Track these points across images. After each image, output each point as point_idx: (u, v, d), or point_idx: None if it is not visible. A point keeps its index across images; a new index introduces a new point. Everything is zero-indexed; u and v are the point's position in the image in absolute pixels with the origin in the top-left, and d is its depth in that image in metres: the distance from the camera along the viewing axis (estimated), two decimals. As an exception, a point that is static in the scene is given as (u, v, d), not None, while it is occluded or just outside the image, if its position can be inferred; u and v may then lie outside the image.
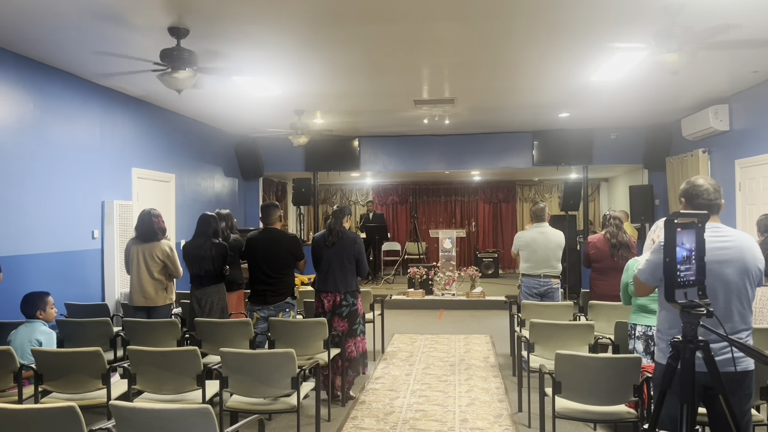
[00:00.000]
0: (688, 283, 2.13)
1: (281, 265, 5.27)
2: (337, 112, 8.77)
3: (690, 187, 2.81)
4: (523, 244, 6.24)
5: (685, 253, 2.12)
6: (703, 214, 2.19)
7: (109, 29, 4.83)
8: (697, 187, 2.79)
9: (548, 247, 6.12)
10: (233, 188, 10.94)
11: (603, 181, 15.15)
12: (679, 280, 2.09)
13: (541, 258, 6.11)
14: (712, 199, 2.76)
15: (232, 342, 4.67)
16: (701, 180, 2.83)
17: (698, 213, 2.19)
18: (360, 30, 5.00)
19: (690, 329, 2.10)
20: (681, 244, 2.10)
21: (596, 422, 4.38)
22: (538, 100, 7.98)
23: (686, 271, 2.12)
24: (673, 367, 2.18)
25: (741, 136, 7.50)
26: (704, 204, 2.73)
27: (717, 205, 2.76)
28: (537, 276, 6.12)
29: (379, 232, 13.33)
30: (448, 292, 10.60)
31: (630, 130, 10.40)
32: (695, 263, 2.14)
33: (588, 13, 4.57)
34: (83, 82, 6.46)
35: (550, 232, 6.22)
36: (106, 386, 3.87)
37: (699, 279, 2.13)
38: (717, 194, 2.79)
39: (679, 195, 2.87)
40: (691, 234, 2.13)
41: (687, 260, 2.12)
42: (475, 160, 11.21)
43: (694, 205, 2.76)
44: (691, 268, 2.13)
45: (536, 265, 6.13)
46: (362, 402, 5.21)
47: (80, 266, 6.42)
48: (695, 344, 2.10)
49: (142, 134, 7.70)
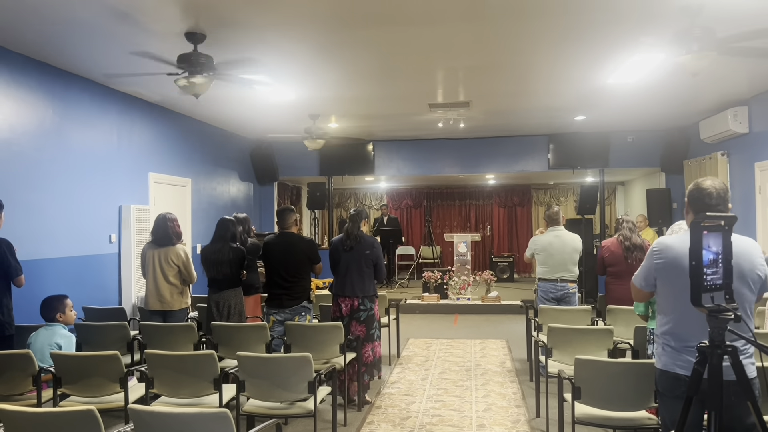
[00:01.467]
0: (715, 287, 2.08)
1: (298, 269, 5.27)
2: (351, 116, 8.78)
3: (694, 189, 2.69)
4: (539, 248, 6.19)
5: (711, 257, 2.07)
6: (731, 217, 2.14)
7: (127, 35, 4.87)
8: (701, 190, 2.65)
9: (564, 251, 6.07)
10: (248, 192, 10.99)
11: (619, 184, 15.03)
12: (705, 284, 2.05)
13: (558, 262, 6.06)
14: (712, 204, 2.62)
15: (248, 346, 4.67)
16: (708, 182, 2.69)
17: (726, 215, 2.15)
18: (374, 34, 5.00)
19: (717, 334, 2.05)
20: (707, 247, 2.06)
21: (615, 428, 4.31)
22: (554, 103, 7.93)
23: (713, 274, 2.07)
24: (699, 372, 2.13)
25: (761, 139, 7.39)
26: (703, 208, 2.59)
27: (717, 210, 2.60)
28: (554, 280, 6.08)
29: (394, 236, 13.32)
30: (463, 297, 10.55)
31: (647, 133, 10.31)
32: (722, 266, 2.10)
33: (606, 15, 4.53)
34: (101, 88, 6.52)
35: (566, 235, 6.16)
36: (124, 390, 3.88)
37: (726, 283, 2.09)
38: (720, 199, 2.63)
39: (686, 195, 2.76)
40: (718, 237, 2.09)
41: (714, 264, 2.08)
42: (490, 163, 11.17)
43: (695, 207, 2.65)
44: (718, 272, 2.09)
45: (552, 270, 6.08)
46: (378, 407, 5.19)
47: (98, 270, 6.47)
48: (723, 349, 2.06)
49: (159, 139, 7.76)
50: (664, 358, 2.64)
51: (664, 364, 2.64)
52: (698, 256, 2.04)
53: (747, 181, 7.66)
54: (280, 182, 11.99)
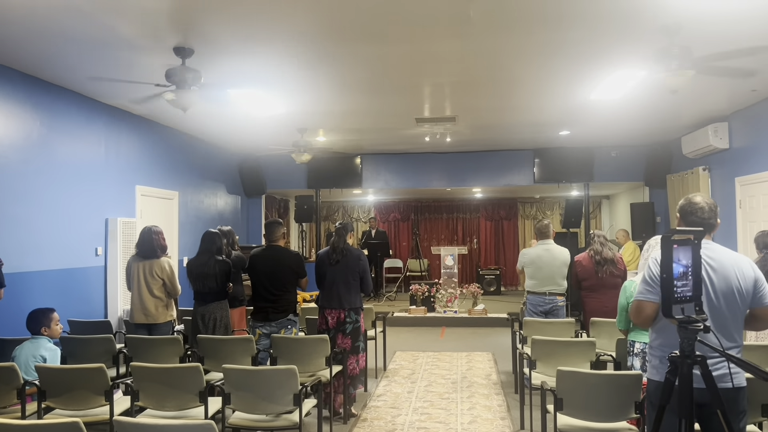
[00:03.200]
0: (685, 299, 2.15)
1: (283, 282, 5.29)
2: (339, 130, 8.85)
3: (686, 204, 2.82)
4: (528, 261, 6.24)
5: (681, 269, 2.14)
6: (699, 231, 2.22)
7: (115, 49, 4.91)
8: (693, 205, 2.79)
9: (553, 264, 6.12)
10: (236, 205, 11.00)
11: (604, 198, 15.19)
12: (676, 295, 2.12)
13: (547, 275, 6.11)
14: (705, 218, 2.75)
15: (234, 358, 4.68)
16: (699, 198, 2.82)
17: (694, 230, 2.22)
18: (361, 50, 5.08)
19: (687, 344, 2.12)
20: (677, 261, 2.13)
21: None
22: (539, 118, 8.05)
23: (683, 287, 2.14)
24: (671, 382, 2.19)
25: (741, 154, 7.54)
26: (697, 222, 2.72)
27: (710, 224, 2.75)
28: (542, 294, 6.12)
29: (381, 248, 13.36)
30: (450, 310, 10.59)
31: (630, 148, 10.46)
32: (692, 279, 2.17)
33: (587, 32, 4.64)
34: (88, 101, 6.54)
35: (555, 249, 6.23)
36: (109, 403, 3.88)
37: (696, 294, 2.16)
38: (711, 213, 2.77)
39: (677, 210, 2.89)
40: (687, 250, 2.16)
41: (683, 276, 2.15)
42: (477, 177, 11.27)
43: (688, 222, 2.77)
44: (688, 284, 2.16)
45: (541, 283, 6.13)
46: (364, 419, 5.20)
47: (84, 283, 6.45)
48: (693, 359, 2.12)
49: (146, 152, 7.77)
50: (663, 369, 2.69)
51: (662, 376, 2.69)
52: (668, 269, 2.10)
53: (728, 196, 7.80)
54: (267, 195, 12.01)
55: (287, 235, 13.52)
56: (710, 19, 4.28)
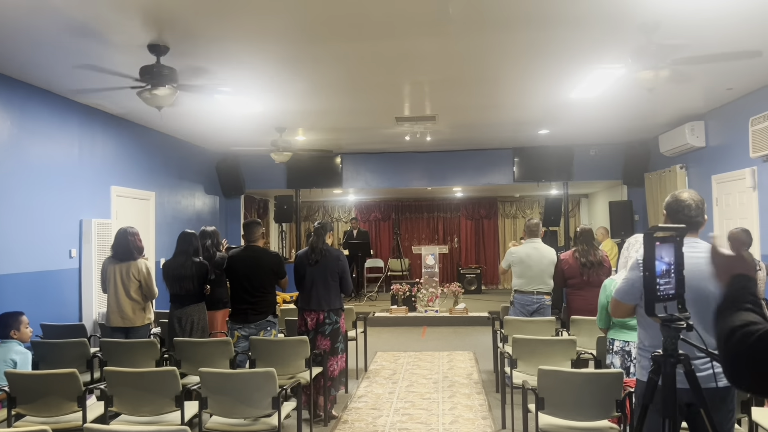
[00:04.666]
0: (668, 297, 2.13)
1: (262, 283, 5.22)
2: (318, 129, 8.78)
3: (673, 201, 2.79)
4: (517, 260, 6.18)
5: (664, 267, 2.12)
6: (681, 228, 2.20)
7: (87, 46, 4.79)
8: (680, 202, 2.76)
9: (542, 263, 6.09)
10: (214, 206, 10.87)
11: (583, 197, 15.30)
12: (658, 294, 2.10)
13: (535, 274, 6.07)
14: (692, 216, 2.72)
15: (212, 362, 4.60)
16: (685, 194, 2.79)
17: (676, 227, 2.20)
18: (341, 47, 5.02)
19: (670, 343, 2.10)
20: (660, 258, 2.11)
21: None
22: (518, 116, 8.05)
23: (666, 285, 2.12)
24: (654, 381, 2.17)
25: (717, 152, 7.62)
26: (683, 219, 2.70)
27: (696, 221, 2.73)
28: (530, 293, 6.07)
29: (362, 248, 13.31)
30: (431, 309, 10.57)
31: (609, 147, 10.53)
32: (674, 277, 2.15)
33: (566, 31, 4.63)
34: (62, 100, 6.40)
35: (543, 248, 6.21)
36: (82, 409, 3.78)
37: (679, 293, 2.14)
38: (698, 211, 2.75)
39: (663, 208, 2.86)
40: (670, 248, 2.14)
41: (666, 274, 2.13)
42: (457, 176, 11.26)
43: (675, 220, 2.74)
44: (671, 282, 2.14)
45: (529, 282, 6.08)
46: (345, 421, 5.15)
47: (57, 286, 6.30)
48: (676, 358, 2.11)
49: (122, 152, 7.63)
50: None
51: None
52: (651, 266, 2.08)
53: (704, 194, 7.82)
54: (246, 195, 11.89)
55: (267, 236, 13.41)
56: (687, 17, 4.30)
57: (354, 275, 12.63)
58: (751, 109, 6.50)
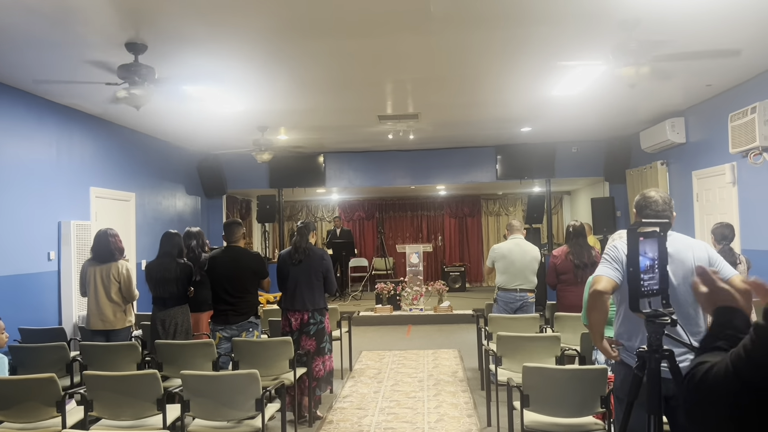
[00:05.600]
0: (652, 293, 2.13)
1: (243, 284, 5.16)
2: (301, 128, 8.72)
3: (641, 199, 2.87)
4: (499, 255, 6.19)
5: (648, 263, 2.12)
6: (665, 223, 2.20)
7: (64, 45, 4.70)
8: (647, 199, 2.84)
9: (524, 258, 6.11)
10: (196, 206, 10.76)
11: (566, 194, 15.38)
12: (643, 289, 2.09)
13: (518, 270, 6.08)
14: (659, 211, 2.79)
15: (194, 364, 4.54)
16: (653, 192, 2.88)
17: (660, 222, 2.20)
18: (322, 45, 4.98)
19: (655, 339, 2.10)
20: (644, 254, 2.11)
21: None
22: (501, 114, 8.06)
23: (650, 280, 2.12)
24: (639, 377, 2.17)
25: (697, 148, 7.69)
26: (652, 215, 2.76)
27: (665, 216, 2.78)
28: (513, 290, 6.08)
29: (346, 248, 13.26)
30: (416, 307, 10.56)
31: (591, 144, 10.59)
32: (658, 272, 2.15)
33: (547, 28, 4.64)
34: (38, 100, 6.28)
35: (525, 244, 6.24)
36: (61, 414, 3.71)
37: (662, 288, 2.14)
38: (666, 206, 2.82)
39: (633, 206, 2.92)
40: (654, 243, 2.14)
41: (650, 269, 2.13)
42: (440, 174, 11.26)
43: (643, 216, 2.80)
44: (655, 277, 2.14)
45: (512, 278, 6.09)
46: (330, 422, 5.12)
47: (35, 289, 6.19)
48: (660, 354, 2.10)
49: (101, 152, 7.52)
50: (626, 355, 2.71)
51: (627, 364, 2.70)
52: (635, 262, 2.08)
53: (685, 189, 7.95)
54: (228, 195, 11.79)
55: (249, 236, 13.32)
56: (667, 13, 4.32)
57: (338, 275, 12.58)
58: (730, 105, 6.56)
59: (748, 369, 1.08)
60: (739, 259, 5.23)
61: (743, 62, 5.66)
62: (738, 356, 1.11)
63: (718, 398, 1.13)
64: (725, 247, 5.18)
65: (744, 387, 1.08)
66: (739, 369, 1.10)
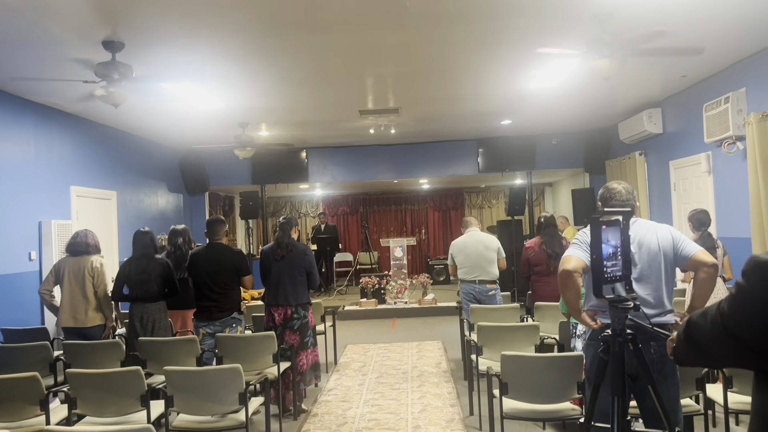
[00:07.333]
0: (615, 279, 2.20)
1: (225, 280, 5.17)
2: (282, 124, 8.73)
3: (605, 191, 3.00)
4: (457, 250, 6.36)
5: (611, 250, 2.19)
6: (627, 212, 2.27)
7: (40, 44, 4.69)
8: (611, 191, 2.97)
9: (477, 248, 6.23)
10: (178, 204, 10.73)
11: (547, 185, 15.52)
12: (606, 276, 2.16)
13: (474, 262, 6.21)
14: (623, 201, 2.91)
15: (178, 360, 4.57)
16: (615, 184, 3.01)
17: (622, 210, 2.28)
18: (301, 41, 5.00)
19: (618, 323, 2.17)
20: (606, 241, 2.18)
21: (545, 421, 4.47)
22: (481, 107, 8.13)
23: (613, 267, 2.20)
24: (604, 361, 2.25)
25: (673, 139, 7.81)
26: (617, 206, 2.87)
27: (629, 205, 2.89)
28: (472, 281, 6.22)
29: (331, 243, 13.30)
30: (400, 301, 10.64)
31: (570, 136, 10.70)
32: (621, 259, 2.22)
33: (521, 21, 4.70)
34: (14, 99, 6.24)
35: (479, 235, 6.39)
36: (45, 412, 3.72)
37: (625, 274, 2.22)
38: (629, 196, 2.95)
39: (598, 199, 3.04)
40: (616, 231, 2.21)
41: (613, 257, 2.20)
42: (423, 168, 11.32)
43: (608, 206, 2.92)
44: (617, 264, 2.21)
45: (470, 270, 6.23)
46: (315, 415, 5.17)
47: (17, 289, 6.17)
48: (624, 338, 2.18)
49: (81, 151, 7.48)
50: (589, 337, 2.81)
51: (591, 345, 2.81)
52: (598, 249, 2.15)
53: (663, 179, 8.08)
54: (211, 192, 11.76)
55: (233, 233, 13.30)
56: (639, 7, 4.40)
57: (323, 270, 12.63)
58: (705, 96, 6.68)
59: (732, 322, 1.25)
60: (717, 243, 5.35)
61: (715, 54, 5.77)
62: (722, 311, 1.27)
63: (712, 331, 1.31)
64: (704, 233, 5.29)
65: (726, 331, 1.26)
66: (725, 319, 1.26)
